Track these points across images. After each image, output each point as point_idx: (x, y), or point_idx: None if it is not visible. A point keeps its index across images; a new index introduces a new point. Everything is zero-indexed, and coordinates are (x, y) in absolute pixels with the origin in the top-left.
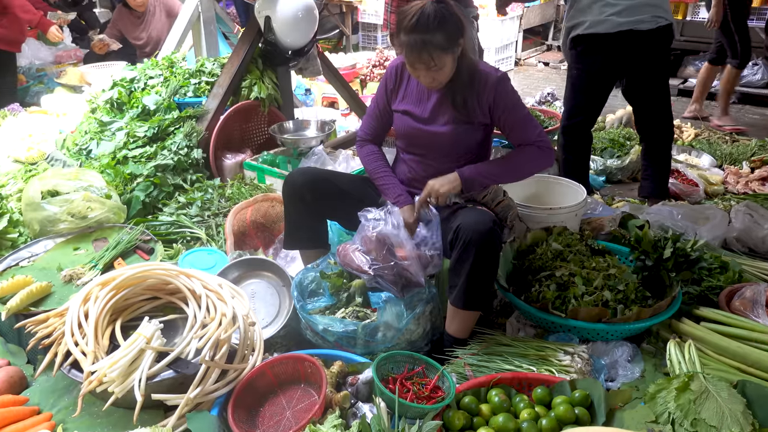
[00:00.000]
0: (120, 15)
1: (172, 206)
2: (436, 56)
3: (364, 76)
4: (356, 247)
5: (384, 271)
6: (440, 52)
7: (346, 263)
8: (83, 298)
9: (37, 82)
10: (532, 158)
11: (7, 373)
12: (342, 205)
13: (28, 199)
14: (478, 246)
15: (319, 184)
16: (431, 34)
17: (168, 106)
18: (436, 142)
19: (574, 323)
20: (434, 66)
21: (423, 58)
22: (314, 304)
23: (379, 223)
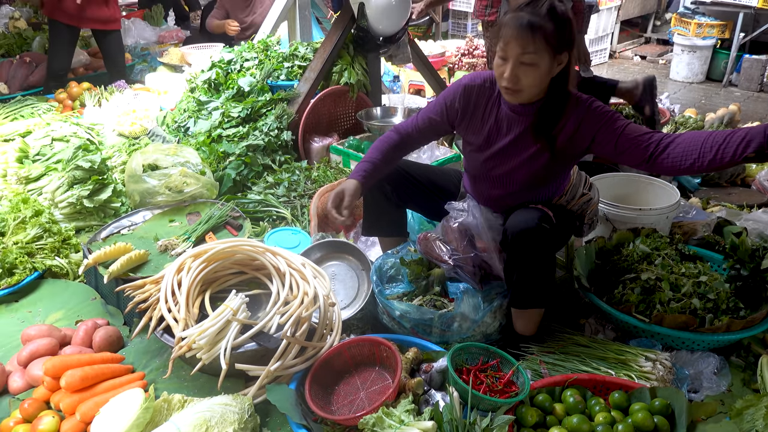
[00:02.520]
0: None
1: (260, 185)
2: (538, 42)
3: (453, 64)
4: (437, 236)
5: (463, 261)
6: (542, 41)
7: (427, 251)
8: (177, 267)
9: (141, 61)
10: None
11: (107, 332)
12: (421, 196)
13: (131, 172)
14: (523, 245)
15: (399, 174)
16: (543, 20)
17: (261, 88)
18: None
19: (658, 329)
20: (529, 54)
21: (522, 37)
22: (392, 289)
23: (461, 214)
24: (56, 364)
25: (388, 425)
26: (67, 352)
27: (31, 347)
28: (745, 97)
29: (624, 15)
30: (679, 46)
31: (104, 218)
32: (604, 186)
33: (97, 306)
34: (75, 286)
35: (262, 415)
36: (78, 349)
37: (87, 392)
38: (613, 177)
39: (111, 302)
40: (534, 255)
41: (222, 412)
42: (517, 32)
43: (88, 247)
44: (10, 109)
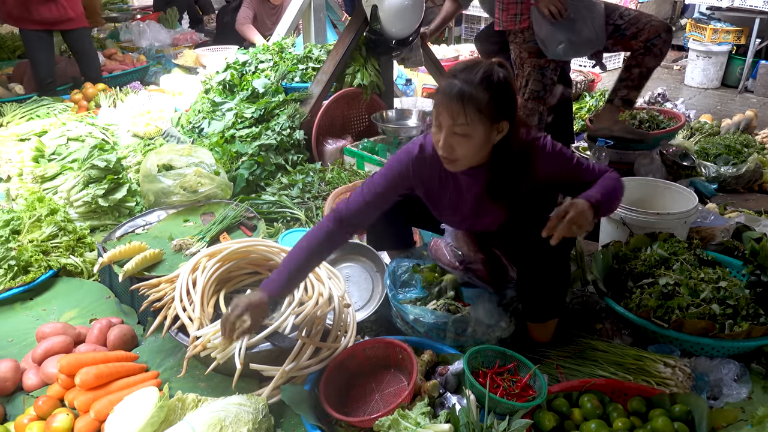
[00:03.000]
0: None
1: (274, 186)
2: (469, 114)
3: None
4: (447, 242)
5: (475, 266)
6: (475, 112)
7: (437, 258)
8: (192, 266)
9: (156, 63)
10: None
11: (121, 331)
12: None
13: (146, 171)
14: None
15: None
16: (475, 87)
17: (276, 89)
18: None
19: (676, 335)
20: (461, 126)
21: (452, 109)
22: (406, 294)
23: None
24: (71, 361)
25: (403, 427)
26: (82, 350)
27: (45, 345)
28: (761, 103)
29: None
30: (694, 52)
31: (119, 217)
32: None
33: (111, 305)
34: (89, 285)
35: (276, 416)
36: (92, 347)
37: (101, 390)
38: (629, 181)
39: (125, 301)
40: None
41: (236, 412)
42: (447, 102)
43: (102, 245)
44: (26, 109)
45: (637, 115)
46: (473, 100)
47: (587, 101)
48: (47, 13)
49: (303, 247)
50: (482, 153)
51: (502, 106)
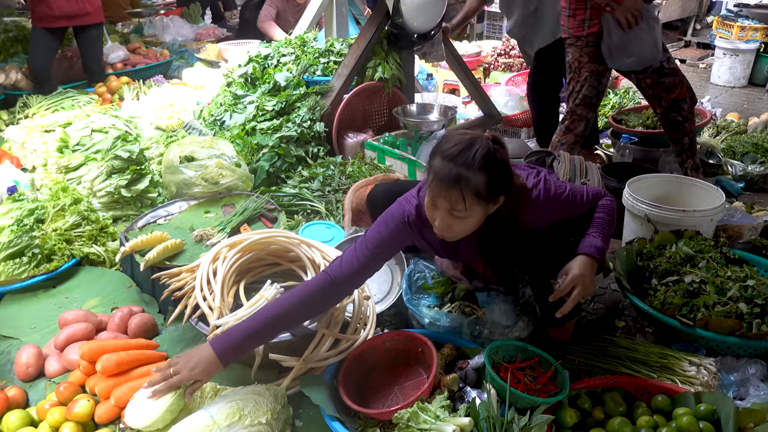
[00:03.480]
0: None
1: (295, 179)
2: (468, 200)
3: (488, 64)
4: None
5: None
6: (473, 198)
7: (444, 270)
8: (213, 257)
9: (179, 57)
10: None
11: (142, 319)
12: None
13: (168, 163)
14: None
15: None
16: (472, 172)
17: (297, 83)
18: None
19: (702, 333)
20: (459, 211)
21: (451, 196)
22: (420, 300)
23: None
24: (92, 348)
25: (423, 420)
26: (103, 337)
27: (67, 331)
28: None
29: (663, 18)
30: (720, 50)
31: (141, 208)
32: (645, 186)
33: (132, 294)
34: (111, 274)
35: (295, 406)
36: (113, 335)
37: (122, 377)
38: (654, 178)
39: (146, 290)
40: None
41: (255, 402)
42: (445, 188)
43: (125, 235)
44: (51, 101)
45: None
46: (471, 187)
47: (611, 98)
48: (67, 7)
49: (286, 301)
50: (478, 225)
51: (499, 186)
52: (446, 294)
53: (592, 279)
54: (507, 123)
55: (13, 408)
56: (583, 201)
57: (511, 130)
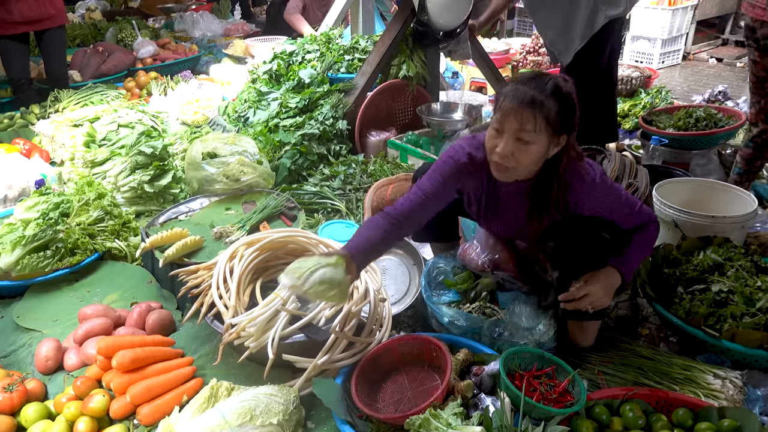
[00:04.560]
0: None
1: (316, 177)
2: (539, 122)
3: (517, 62)
4: (476, 246)
5: (505, 267)
6: (543, 121)
7: (467, 263)
8: (230, 255)
9: (207, 52)
10: (655, 234)
11: (160, 316)
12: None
13: (191, 159)
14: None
15: None
16: (545, 96)
17: (321, 80)
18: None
19: (728, 345)
20: (527, 133)
21: (522, 115)
22: (441, 297)
23: None
24: (109, 343)
25: (434, 427)
26: (121, 332)
27: (86, 326)
28: None
29: (700, 15)
30: None
31: (163, 203)
32: (674, 190)
33: (152, 289)
34: (132, 269)
35: (306, 408)
36: (131, 331)
37: (137, 374)
38: (684, 182)
39: (165, 286)
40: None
41: (267, 403)
42: (518, 107)
43: (146, 231)
44: (81, 95)
45: (694, 113)
46: (544, 109)
47: (642, 98)
48: (29, 11)
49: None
50: (536, 166)
51: (566, 120)
52: (469, 291)
53: (608, 294)
54: None
55: (32, 400)
56: (632, 210)
57: None
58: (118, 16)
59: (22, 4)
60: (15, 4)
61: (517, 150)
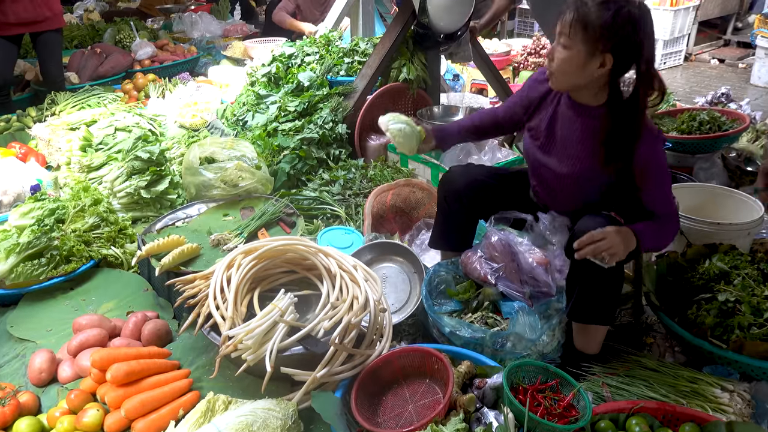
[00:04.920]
0: None
1: (316, 182)
2: (575, 29)
3: (518, 63)
4: (479, 255)
5: (509, 278)
6: (581, 29)
7: (469, 272)
8: (227, 264)
9: (206, 54)
10: (673, 231)
11: (156, 326)
12: (498, 206)
13: (188, 164)
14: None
15: (479, 185)
16: (594, 7)
17: (321, 83)
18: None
19: (736, 357)
20: (564, 36)
21: (567, 15)
22: (442, 306)
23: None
24: (103, 356)
25: None
26: (116, 343)
27: (81, 337)
28: None
29: (702, 15)
30: (762, 50)
31: (160, 209)
32: (678, 196)
33: (148, 297)
34: (128, 277)
35: (305, 422)
36: (126, 341)
37: (132, 387)
38: (689, 187)
39: (162, 294)
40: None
41: (265, 417)
42: (565, 8)
43: (142, 238)
44: (78, 98)
45: (697, 116)
46: (583, 15)
47: None
48: (24, 13)
49: (460, 121)
50: (577, 78)
51: (611, 37)
52: (471, 300)
53: (626, 246)
54: None
55: (25, 414)
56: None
57: None
58: (117, 16)
59: (18, 5)
60: (10, 5)
61: (557, 54)
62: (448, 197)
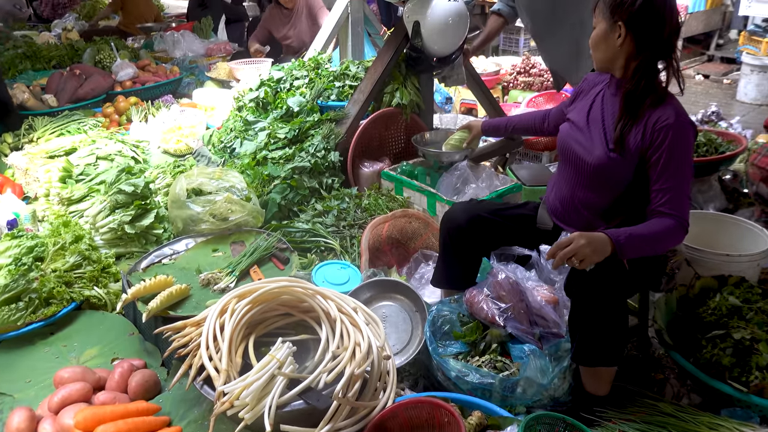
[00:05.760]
0: (270, 15)
1: (308, 213)
2: (600, 7)
3: (507, 82)
4: (486, 294)
5: (517, 318)
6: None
7: (474, 312)
8: (220, 309)
9: (189, 74)
10: (674, 237)
11: (143, 377)
12: (501, 242)
13: (175, 197)
14: (592, 295)
15: (482, 222)
16: None
17: (311, 108)
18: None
19: (758, 401)
20: (594, 16)
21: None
22: (447, 348)
23: (510, 266)
24: (87, 416)
25: None
26: (101, 398)
27: (63, 393)
28: None
29: (686, 32)
30: (747, 66)
31: (146, 244)
32: None
33: (134, 342)
34: (112, 319)
35: None
36: (112, 395)
37: None
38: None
39: (149, 339)
40: (602, 301)
41: None
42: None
43: (127, 278)
44: (57, 123)
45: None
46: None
47: None
48: None
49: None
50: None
51: (623, 10)
52: (478, 342)
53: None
54: (528, 146)
55: None
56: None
57: (532, 154)
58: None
59: None
60: None
61: (593, 33)
62: (452, 236)
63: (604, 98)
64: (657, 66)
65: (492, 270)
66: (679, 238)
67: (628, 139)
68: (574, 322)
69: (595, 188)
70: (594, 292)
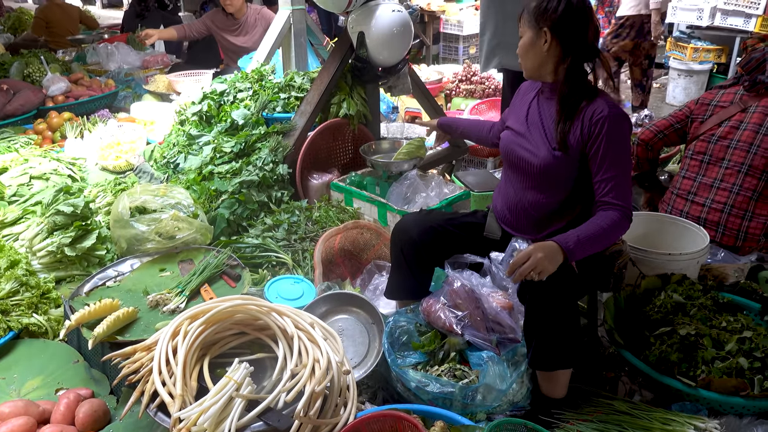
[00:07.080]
0: (216, 15)
1: (258, 228)
2: (524, 15)
3: (450, 90)
4: (442, 302)
5: (474, 326)
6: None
7: (432, 321)
8: (172, 332)
9: (125, 87)
10: (619, 228)
11: (92, 407)
12: (453, 251)
13: (117, 216)
14: (546, 300)
15: (434, 232)
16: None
17: (256, 121)
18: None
19: (705, 394)
20: (520, 26)
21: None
22: (405, 359)
23: (465, 273)
24: None
25: None
26: None
27: (4, 430)
28: None
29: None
30: (675, 71)
31: (88, 267)
32: None
33: (79, 370)
34: (55, 347)
35: None
36: (59, 429)
37: None
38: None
39: (95, 365)
40: (555, 306)
41: None
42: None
43: (69, 304)
44: None
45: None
46: (527, 6)
47: None
48: None
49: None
50: (532, 62)
51: (547, 17)
52: (437, 352)
53: (551, 260)
54: (473, 153)
55: None
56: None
57: (477, 160)
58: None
59: None
60: None
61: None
62: (404, 248)
63: (539, 102)
64: (585, 68)
65: (447, 278)
66: (625, 228)
67: (568, 137)
68: (529, 328)
69: (543, 189)
70: (546, 297)
